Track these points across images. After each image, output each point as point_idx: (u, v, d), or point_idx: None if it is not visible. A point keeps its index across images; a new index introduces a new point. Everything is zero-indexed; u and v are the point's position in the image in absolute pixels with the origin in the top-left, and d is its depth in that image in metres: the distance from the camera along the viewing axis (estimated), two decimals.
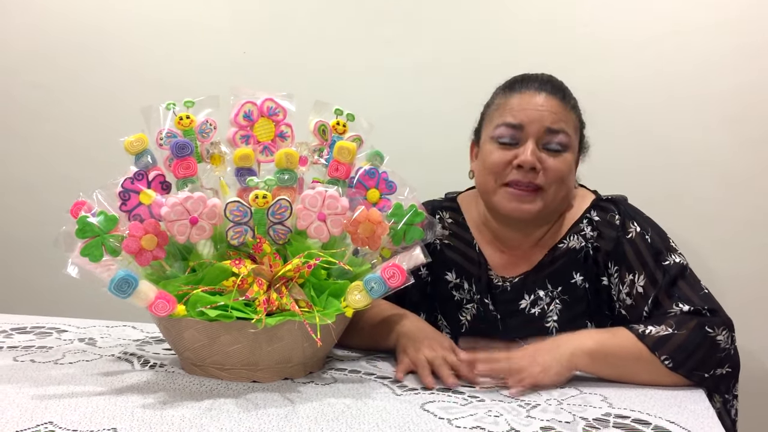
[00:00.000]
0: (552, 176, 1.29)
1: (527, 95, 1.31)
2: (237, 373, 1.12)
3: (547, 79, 1.35)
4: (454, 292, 1.42)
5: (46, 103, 2.27)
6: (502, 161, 1.30)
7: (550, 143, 1.29)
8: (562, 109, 1.30)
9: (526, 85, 1.33)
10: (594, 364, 1.16)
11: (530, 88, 1.32)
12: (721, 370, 1.18)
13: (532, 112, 1.28)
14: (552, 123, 1.28)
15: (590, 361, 1.16)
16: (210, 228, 1.12)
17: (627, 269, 1.29)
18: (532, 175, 1.28)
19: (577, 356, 1.15)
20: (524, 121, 1.29)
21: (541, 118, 1.28)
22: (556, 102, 1.30)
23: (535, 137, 1.28)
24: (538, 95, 1.30)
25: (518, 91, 1.33)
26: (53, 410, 0.97)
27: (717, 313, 1.20)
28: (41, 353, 1.26)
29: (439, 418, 0.99)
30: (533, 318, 1.35)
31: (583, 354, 1.15)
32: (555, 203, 1.33)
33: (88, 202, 1.13)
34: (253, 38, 2.11)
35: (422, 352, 1.18)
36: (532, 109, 1.29)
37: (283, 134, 1.23)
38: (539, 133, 1.28)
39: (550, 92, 1.31)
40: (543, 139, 1.29)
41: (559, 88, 1.34)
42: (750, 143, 1.81)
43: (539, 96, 1.30)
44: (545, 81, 1.34)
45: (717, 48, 1.82)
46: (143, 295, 1.04)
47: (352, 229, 1.16)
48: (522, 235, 1.38)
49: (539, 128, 1.28)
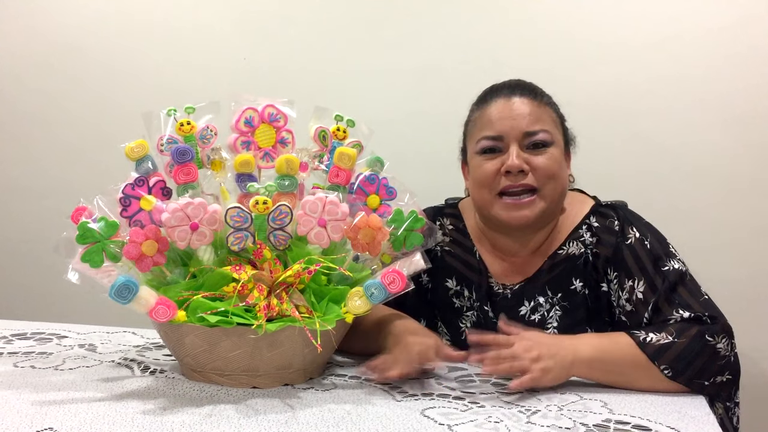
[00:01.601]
0: (542, 173, 1.30)
1: (500, 103, 1.33)
2: (237, 379, 1.12)
3: (515, 84, 1.37)
4: (455, 299, 1.42)
5: (46, 109, 2.28)
6: (492, 171, 1.31)
7: (532, 143, 1.31)
8: (535, 107, 1.32)
9: (497, 94, 1.36)
10: (593, 371, 1.17)
11: (500, 95, 1.35)
12: (721, 377, 1.17)
13: (508, 120, 1.31)
14: (529, 125, 1.30)
15: (589, 369, 1.17)
16: (210, 234, 1.12)
17: (626, 275, 1.29)
18: (521, 177, 1.30)
19: (577, 365, 1.16)
20: (503, 131, 1.31)
21: (518, 123, 1.30)
22: (529, 102, 1.32)
23: (516, 142, 1.30)
24: (510, 100, 1.33)
25: (491, 101, 1.35)
26: (53, 416, 0.97)
27: (717, 320, 1.20)
28: (41, 359, 1.26)
29: (439, 424, 0.99)
30: (533, 325, 1.35)
31: (582, 363, 1.16)
32: (554, 202, 1.33)
33: (88, 208, 1.13)
34: (254, 44, 2.12)
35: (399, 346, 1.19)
36: (507, 116, 1.31)
37: (284, 140, 1.23)
38: (519, 138, 1.30)
39: (521, 95, 1.33)
40: (524, 141, 1.31)
41: (529, 89, 1.36)
42: (751, 147, 1.82)
43: (511, 101, 1.33)
44: (514, 86, 1.36)
45: (718, 52, 1.82)
46: (144, 300, 1.04)
47: (353, 235, 1.16)
48: (520, 243, 1.38)
49: (518, 133, 1.30)
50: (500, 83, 1.39)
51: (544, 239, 1.38)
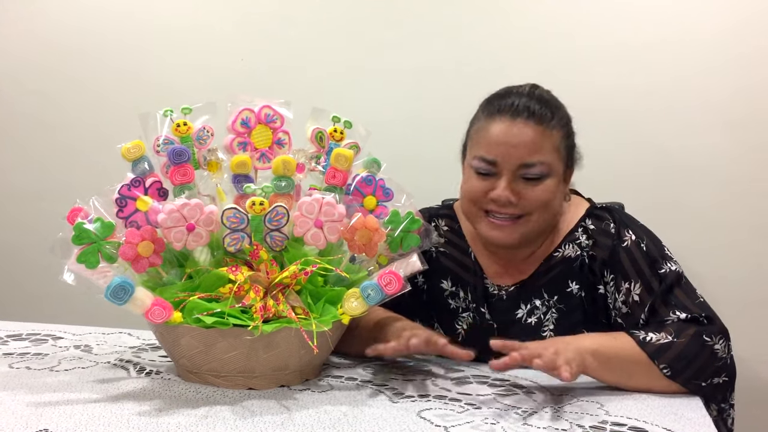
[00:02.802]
0: (531, 204, 1.28)
1: (503, 126, 1.27)
2: (233, 381, 1.12)
3: (525, 104, 1.28)
4: (450, 301, 1.42)
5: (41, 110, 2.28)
6: (480, 191, 1.30)
7: (527, 174, 1.27)
8: (538, 135, 1.26)
9: (504, 112, 1.28)
10: (597, 365, 1.16)
11: (506, 114, 1.28)
12: (718, 379, 1.18)
13: (504, 148, 1.26)
14: (527, 156, 1.26)
15: (594, 362, 1.15)
16: (207, 235, 1.12)
17: (623, 277, 1.29)
18: (509, 207, 1.28)
19: (586, 356, 1.15)
20: (498, 158, 1.27)
21: (516, 153, 1.26)
22: (532, 129, 1.26)
23: (509, 172, 1.27)
24: (513, 125, 1.26)
25: (497, 118, 1.28)
26: (48, 417, 0.96)
27: (714, 321, 1.20)
28: (37, 360, 1.25)
29: (435, 425, 0.99)
30: (530, 328, 1.35)
31: (589, 354, 1.15)
32: (540, 227, 1.32)
33: (84, 209, 1.13)
34: (252, 45, 2.12)
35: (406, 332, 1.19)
36: (505, 143, 1.26)
37: (281, 141, 1.23)
38: (514, 168, 1.27)
39: (526, 119, 1.27)
40: (519, 172, 1.27)
41: (537, 113, 1.28)
42: (750, 149, 1.82)
43: (514, 126, 1.26)
44: (523, 107, 1.28)
45: (717, 54, 1.83)
46: (139, 302, 1.04)
47: (349, 236, 1.16)
48: (513, 250, 1.38)
49: (514, 164, 1.26)
50: (513, 94, 1.31)
51: (540, 244, 1.38)
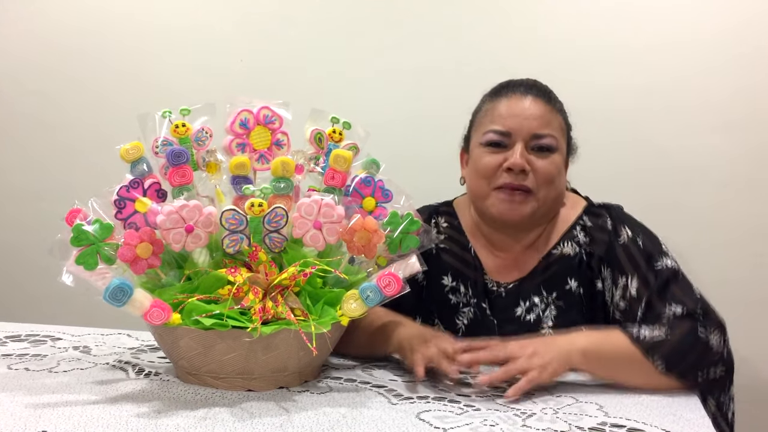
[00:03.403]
0: (541, 178, 1.31)
1: (513, 100, 1.34)
2: (232, 382, 1.12)
3: (532, 84, 1.38)
4: (451, 296, 1.43)
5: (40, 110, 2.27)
6: (493, 165, 1.32)
7: (538, 146, 1.31)
8: (547, 112, 1.33)
9: (512, 90, 1.36)
10: (587, 363, 1.17)
11: (516, 92, 1.35)
12: (714, 372, 1.18)
13: (519, 119, 1.32)
14: (538, 128, 1.31)
15: (584, 360, 1.17)
16: (205, 236, 1.12)
17: (620, 273, 1.30)
18: (522, 177, 1.31)
19: (574, 355, 1.16)
20: (512, 128, 1.32)
21: (528, 124, 1.31)
22: (542, 105, 1.33)
23: (523, 141, 1.31)
24: (524, 99, 1.33)
25: (505, 96, 1.36)
26: (47, 419, 0.96)
27: (709, 315, 1.21)
28: (35, 361, 1.25)
29: (434, 427, 0.99)
30: (529, 325, 1.36)
31: (578, 353, 1.16)
32: (546, 205, 1.35)
33: (83, 210, 1.13)
34: (251, 45, 2.11)
35: (431, 347, 1.19)
36: (518, 115, 1.32)
37: (279, 142, 1.23)
38: (527, 138, 1.31)
39: (535, 96, 1.34)
40: (530, 143, 1.32)
41: (544, 92, 1.36)
42: (750, 150, 1.82)
43: (525, 100, 1.33)
44: (530, 85, 1.37)
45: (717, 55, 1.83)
46: (138, 303, 1.04)
47: (348, 238, 1.15)
48: (513, 239, 1.39)
49: (527, 133, 1.31)
50: (517, 80, 1.39)
51: (538, 237, 1.39)
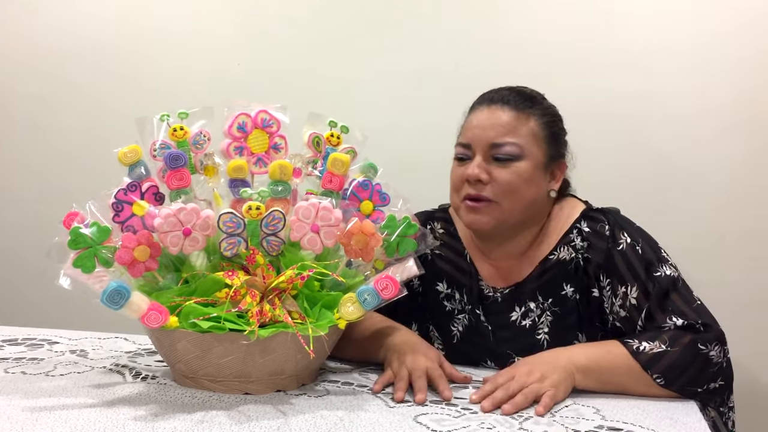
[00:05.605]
0: (500, 188, 1.30)
1: (478, 111, 1.35)
2: (229, 385, 1.12)
3: (506, 92, 1.35)
4: (446, 303, 1.43)
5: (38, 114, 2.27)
6: (458, 177, 1.34)
7: (497, 155, 1.31)
8: (512, 119, 1.31)
9: (480, 102, 1.37)
10: (589, 380, 1.18)
11: (482, 103, 1.35)
12: (714, 384, 1.18)
13: (478, 130, 1.32)
14: (496, 137, 1.30)
15: (585, 378, 1.17)
16: (203, 239, 1.12)
17: (619, 281, 1.29)
18: (479, 188, 1.30)
19: (576, 374, 1.17)
20: (471, 140, 1.33)
21: (485, 134, 1.31)
22: (508, 112, 1.32)
23: (482, 152, 1.31)
24: (486, 110, 1.33)
25: (474, 108, 1.37)
26: (44, 423, 0.96)
27: (710, 327, 1.20)
28: (32, 365, 1.25)
29: (431, 430, 0.99)
30: (524, 330, 1.35)
31: (579, 372, 1.17)
32: (513, 215, 1.32)
33: (81, 213, 1.13)
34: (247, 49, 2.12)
35: (405, 365, 1.18)
36: (477, 126, 1.33)
37: (277, 146, 1.23)
38: (485, 148, 1.31)
39: (502, 105, 1.32)
40: (489, 152, 1.31)
41: (516, 100, 1.33)
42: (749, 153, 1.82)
43: (487, 111, 1.33)
44: (503, 95, 1.34)
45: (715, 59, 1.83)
46: (135, 306, 1.04)
47: (346, 241, 1.16)
48: (502, 248, 1.38)
49: (485, 144, 1.31)
50: (491, 90, 1.38)
51: (529, 245, 1.37)
